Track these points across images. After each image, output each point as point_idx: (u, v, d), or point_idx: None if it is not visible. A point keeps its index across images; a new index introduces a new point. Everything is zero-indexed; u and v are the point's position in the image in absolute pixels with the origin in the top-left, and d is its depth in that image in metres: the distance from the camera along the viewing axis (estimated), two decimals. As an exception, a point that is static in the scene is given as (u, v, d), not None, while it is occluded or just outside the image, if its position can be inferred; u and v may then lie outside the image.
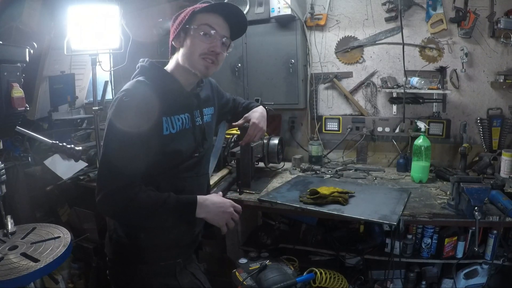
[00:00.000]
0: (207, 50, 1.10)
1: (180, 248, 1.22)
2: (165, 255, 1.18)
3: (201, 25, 1.09)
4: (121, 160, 1.00)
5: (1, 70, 1.28)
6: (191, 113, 1.18)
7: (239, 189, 1.83)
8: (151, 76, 1.11)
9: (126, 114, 1.01)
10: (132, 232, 1.16)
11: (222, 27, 1.12)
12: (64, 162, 2.12)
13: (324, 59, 2.46)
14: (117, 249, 1.20)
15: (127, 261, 1.18)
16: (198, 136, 1.19)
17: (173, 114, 1.11)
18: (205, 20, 1.09)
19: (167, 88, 1.11)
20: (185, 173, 1.17)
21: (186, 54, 1.11)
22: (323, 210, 1.58)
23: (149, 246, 1.15)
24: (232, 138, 2.17)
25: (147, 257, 1.16)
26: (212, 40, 1.10)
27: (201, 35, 1.09)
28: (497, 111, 2.14)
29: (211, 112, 1.31)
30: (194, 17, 1.10)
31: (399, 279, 1.89)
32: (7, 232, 1.37)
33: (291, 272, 1.56)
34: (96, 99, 2.09)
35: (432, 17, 2.15)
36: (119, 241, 1.18)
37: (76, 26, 1.90)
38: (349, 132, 2.40)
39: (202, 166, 1.26)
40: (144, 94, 1.05)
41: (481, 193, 1.42)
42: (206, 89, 1.30)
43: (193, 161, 1.18)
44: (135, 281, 1.16)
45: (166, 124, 1.08)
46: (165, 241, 1.17)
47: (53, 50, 2.37)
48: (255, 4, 2.29)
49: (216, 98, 1.39)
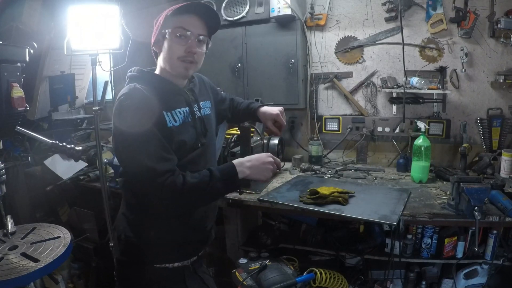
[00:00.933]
0: (184, 52, 1.11)
1: (190, 247, 1.22)
2: (174, 256, 1.17)
3: (175, 28, 1.10)
4: (148, 155, 1.00)
5: (1, 70, 1.28)
6: (190, 107, 1.18)
7: (239, 189, 1.82)
8: (143, 80, 1.13)
9: (130, 114, 1.02)
10: (142, 231, 1.15)
11: (196, 26, 1.13)
12: (64, 162, 2.12)
13: (324, 59, 2.46)
14: (126, 249, 1.19)
15: (135, 262, 1.17)
16: (198, 128, 1.20)
17: (173, 109, 1.12)
18: (179, 22, 1.10)
19: (161, 88, 1.13)
20: (192, 166, 1.16)
21: (166, 58, 1.13)
22: (323, 210, 1.58)
23: (159, 246, 1.14)
24: (232, 138, 2.17)
25: (156, 258, 1.15)
26: (187, 41, 1.11)
27: (176, 37, 1.11)
28: (497, 111, 2.14)
29: (208, 106, 1.32)
30: (168, 21, 1.11)
31: (399, 279, 1.89)
32: (7, 232, 1.36)
33: (291, 272, 1.56)
34: (96, 99, 2.09)
35: (432, 17, 2.15)
36: (128, 241, 1.17)
37: (76, 26, 1.90)
38: (349, 132, 2.40)
39: (208, 159, 1.25)
40: (142, 94, 1.07)
41: (481, 193, 1.42)
42: (199, 85, 1.31)
43: (197, 153, 1.18)
44: (142, 284, 1.15)
45: (168, 118, 1.10)
46: (175, 239, 1.16)
47: (53, 50, 2.38)
48: (255, 4, 2.29)
49: (211, 94, 1.39)
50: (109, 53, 2.12)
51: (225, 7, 2.35)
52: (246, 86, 2.40)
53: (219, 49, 2.41)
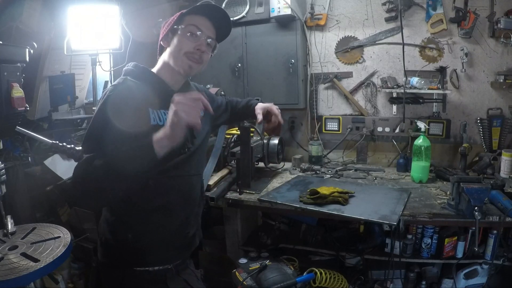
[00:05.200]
0: (192, 49, 1.13)
1: (171, 252, 1.19)
2: (154, 259, 1.15)
3: (188, 26, 1.13)
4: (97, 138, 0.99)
5: (1, 70, 1.29)
6: None
7: (239, 189, 1.83)
8: (136, 75, 1.14)
9: (112, 103, 1.02)
10: (119, 233, 1.13)
11: (208, 29, 1.16)
12: (64, 162, 2.12)
13: (324, 59, 2.46)
14: (106, 252, 1.18)
15: (116, 265, 1.16)
16: (185, 133, 1.11)
17: (160, 108, 1.11)
18: (192, 21, 1.14)
19: (152, 86, 1.13)
20: (173, 171, 1.14)
21: (172, 52, 1.14)
22: (323, 210, 1.58)
23: (137, 249, 1.12)
24: (232, 138, 2.17)
25: (135, 261, 1.14)
26: (197, 40, 1.14)
27: (187, 35, 1.13)
28: (497, 111, 2.14)
29: (200, 114, 1.29)
30: (182, 19, 1.14)
31: (399, 279, 1.89)
32: (7, 232, 1.37)
33: (291, 272, 1.56)
34: (96, 99, 2.10)
35: (432, 17, 2.15)
36: (108, 243, 1.16)
37: (76, 26, 1.90)
38: (349, 132, 2.40)
39: (193, 165, 1.23)
40: (130, 87, 1.08)
41: (481, 193, 1.42)
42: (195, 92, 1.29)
43: (181, 158, 1.16)
44: (124, 286, 1.14)
45: (153, 115, 1.09)
46: (154, 243, 1.14)
47: (53, 50, 2.37)
48: (255, 4, 2.29)
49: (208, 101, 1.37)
50: (109, 53, 2.13)
51: (225, 7, 2.34)
52: (246, 86, 2.40)
53: (219, 49, 2.36)
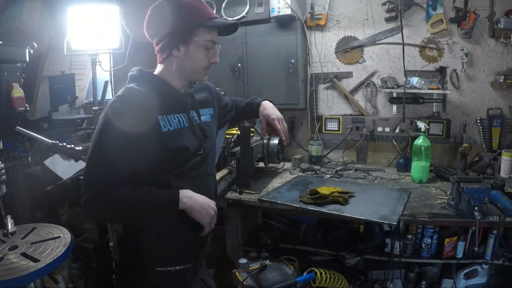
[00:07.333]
0: (209, 64, 1.16)
1: (190, 251, 1.21)
2: (176, 259, 1.17)
3: (207, 41, 1.13)
4: (108, 161, 1.00)
5: (1, 70, 1.28)
6: (187, 113, 1.18)
7: (239, 189, 1.83)
8: (143, 81, 1.13)
9: (118, 118, 1.01)
10: (142, 234, 1.14)
11: (217, 39, 1.18)
12: (64, 162, 2.12)
13: (324, 59, 2.46)
14: (127, 253, 1.18)
15: (136, 266, 1.16)
16: (198, 134, 1.20)
17: (169, 113, 1.12)
18: (209, 36, 1.13)
19: (160, 91, 1.12)
20: (192, 172, 1.16)
21: (189, 67, 1.14)
22: (323, 210, 1.58)
23: (160, 249, 1.14)
24: (232, 138, 2.17)
25: (157, 262, 1.15)
26: (213, 54, 1.16)
27: (204, 50, 1.13)
28: (497, 111, 2.14)
29: (209, 113, 1.31)
30: (199, 31, 1.11)
31: (399, 279, 1.89)
32: (7, 232, 1.36)
33: (291, 272, 1.56)
34: (96, 99, 2.09)
35: (432, 17, 2.15)
36: (129, 244, 1.16)
37: (76, 26, 1.90)
38: (349, 132, 2.40)
39: (208, 165, 1.26)
40: (137, 97, 1.07)
41: (481, 193, 1.42)
42: (204, 91, 1.31)
43: (198, 159, 1.18)
44: (144, 287, 1.15)
45: (163, 122, 1.09)
46: (175, 243, 1.16)
47: (53, 50, 2.37)
48: (255, 4, 2.29)
49: (216, 100, 1.39)
50: (109, 53, 2.13)
51: (225, 7, 2.35)
52: (246, 86, 2.40)
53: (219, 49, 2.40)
